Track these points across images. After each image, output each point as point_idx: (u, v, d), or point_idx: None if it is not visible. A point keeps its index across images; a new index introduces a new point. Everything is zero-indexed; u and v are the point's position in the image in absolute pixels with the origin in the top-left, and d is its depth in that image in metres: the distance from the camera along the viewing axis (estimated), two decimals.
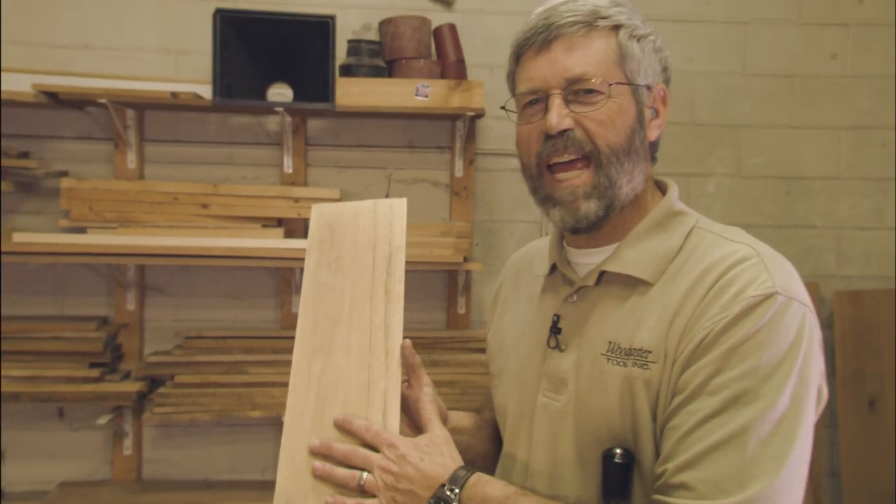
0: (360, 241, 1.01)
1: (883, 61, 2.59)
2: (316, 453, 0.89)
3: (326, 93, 2.26)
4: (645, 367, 0.84)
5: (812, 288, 2.61)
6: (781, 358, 0.78)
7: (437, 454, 0.87)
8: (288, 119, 2.38)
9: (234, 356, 2.37)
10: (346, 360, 0.94)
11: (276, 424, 2.49)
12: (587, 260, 0.95)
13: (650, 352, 0.84)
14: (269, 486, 2.54)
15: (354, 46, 2.36)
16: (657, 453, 0.84)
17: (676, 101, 2.56)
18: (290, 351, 2.60)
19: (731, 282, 0.81)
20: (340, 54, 2.34)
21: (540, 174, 0.91)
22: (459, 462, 0.88)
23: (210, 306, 2.49)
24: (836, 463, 2.59)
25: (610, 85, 0.87)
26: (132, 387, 2.28)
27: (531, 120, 0.91)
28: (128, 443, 2.44)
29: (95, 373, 2.27)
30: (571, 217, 0.89)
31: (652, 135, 0.92)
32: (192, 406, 2.28)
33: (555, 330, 0.94)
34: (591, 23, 0.88)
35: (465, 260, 2.31)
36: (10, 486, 2.43)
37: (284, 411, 2.49)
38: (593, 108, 0.87)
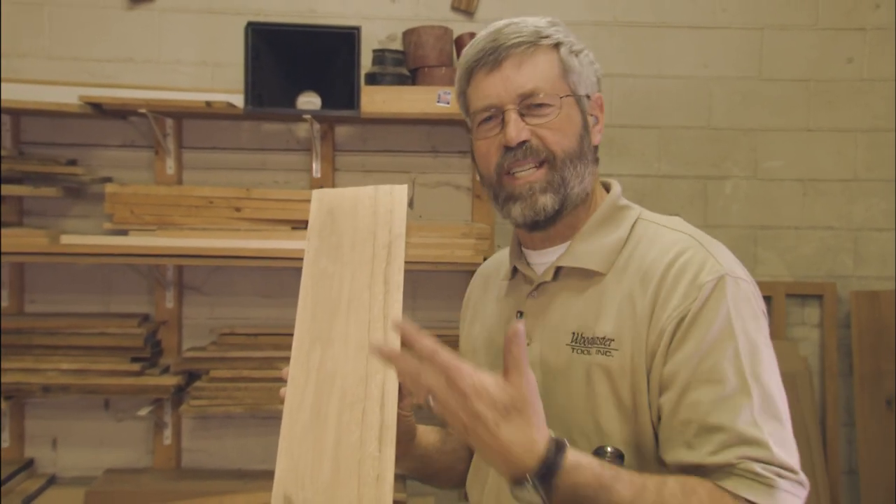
0: (360, 229, 1.00)
1: None
2: (378, 353, 0.83)
3: (352, 100, 2.37)
4: (608, 354, 0.91)
5: (829, 288, 2.64)
6: (751, 329, 0.89)
7: (517, 420, 0.77)
8: (316, 126, 2.50)
9: (266, 352, 2.49)
10: (345, 350, 0.93)
11: None
12: (544, 259, 1.03)
13: (613, 339, 0.92)
14: None
15: (379, 56, 2.47)
16: (623, 440, 0.90)
17: (693, 105, 2.63)
18: None
19: (684, 270, 0.91)
20: (366, 63, 2.44)
21: (499, 180, 0.99)
22: (544, 432, 0.79)
23: (243, 305, 2.62)
24: (854, 461, 2.62)
25: (560, 98, 0.96)
26: (171, 380, 2.43)
27: (488, 135, 0.99)
28: (167, 433, 2.58)
29: (137, 367, 2.41)
30: (531, 210, 0.97)
31: (595, 139, 1.02)
32: (227, 399, 2.41)
33: (520, 316, 1.02)
34: (535, 42, 0.96)
35: (485, 260, 2.39)
36: (62, 472, 2.59)
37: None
38: (546, 119, 0.96)
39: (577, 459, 0.79)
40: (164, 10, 2.54)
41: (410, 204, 2.63)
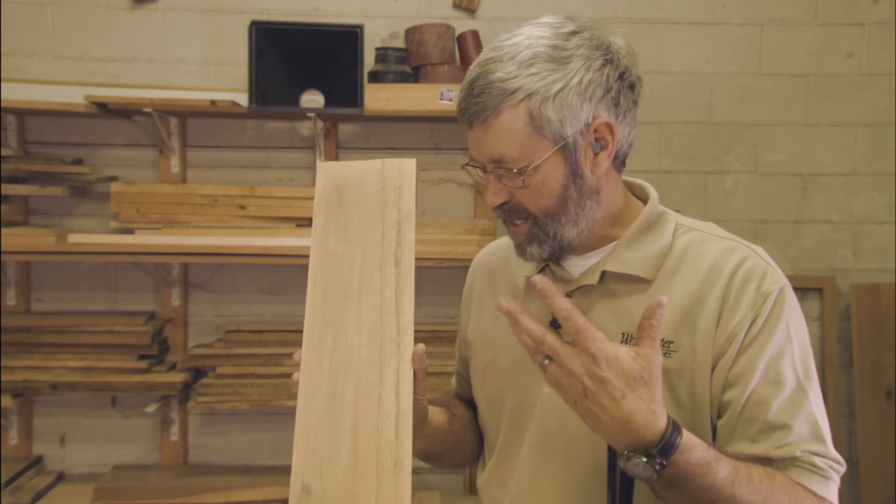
0: (368, 207, 0.98)
1: None
2: (503, 312, 0.85)
3: (356, 98, 2.39)
4: (667, 355, 0.94)
5: (830, 282, 2.67)
6: (802, 334, 0.97)
7: (643, 392, 0.79)
8: (320, 124, 2.51)
9: (271, 349, 2.51)
10: (358, 336, 0.93)
11: None
12: (579, 262, 1.02)
13: (672, 342, 0.95)
14: None
15: (382, 54, 2.48)
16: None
17: (694, 100, 2.65)
18: None
19: (748, 278, 0.95)
20: (368, 61, 2.46)
21: (503, 222, 1.02)
22: (663, 409, 0.82)
23: (248, 302, 2.64)
24: (854, 452, 2.65)
25: (530, 165, 0.91)
26: (177, 377, 2.45)
27: (483, 183, 1.00)
28: (174, 429, 2.61)
29: (144, 364, 2.43)
30: (522, 256, 1.00)
31: (600, 168, 0.95)
32: (233, 396, 2.43)
33: (555, 325, 0.98)
34: (497, 107, 0.91)
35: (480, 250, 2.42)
36: (70, 468, 2.62)
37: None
38: (519, 184, 0.93)
39: (690, 438, 0.83)
40: (167, 9, 2.55)
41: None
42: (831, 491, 0.93)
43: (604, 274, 1.00)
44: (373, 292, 0.93)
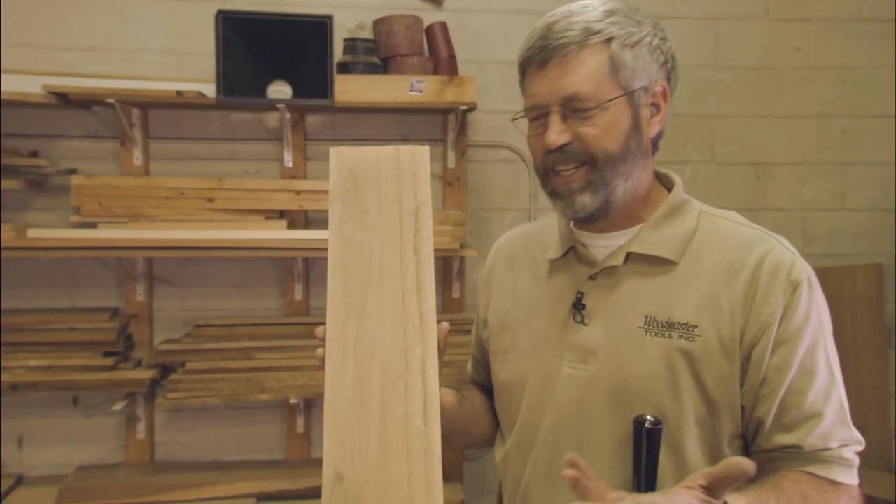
0: (385, 194, 0.98)
1: (842, 54, 2.77)
2: (568, 478, 0.81)
3: (325, 89, 2.37)
4: (691, 339, 0.96)
5: None
6: (827, 325, 1.01)
7: None
8: (288, 115, 2.49)
9: (242, 343, 2.48)
10: (381, 323, 0.93)
11: (282, 407, 2.62)
12: (603, 243, 1.05)
13: (696, 326, 0.96)
14: (277, 465, 2.66)
15: (351, 45, 2.47)
16: (697, 413, 0.97)
17: None
18: (294, 337, 2.69)
19: (777, 268, 0.97)
20: (337, 52, 2.45)
21: (546, 175, 1.03)
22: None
23: (216, 296, 2.60)
24: None
25: (602, 103, 0.96)
26: (145, 374, 2.40)
27: (536, 132, 1.02)
28: (141, 427, 2.55)
29: (110, 361, 2.37)
30: (570, 208, 1.01)
31: (652, 131, 1.01)
32: (203, 391, 2.40)
33: (579, 306, 1.04)
34: (582, 42, 0.96)
35: (462, 247, 2.45)
36: (29, 471, 2.53)
37: (292, 394, 2.57)
38: (589, 123, 0.96)
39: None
40: None
41: None
42: (854, 475, 0.98)
43: (629, 256, 1.02)
44: (394, 280, 0.94)
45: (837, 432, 0.97)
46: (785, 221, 2.81)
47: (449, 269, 2.65)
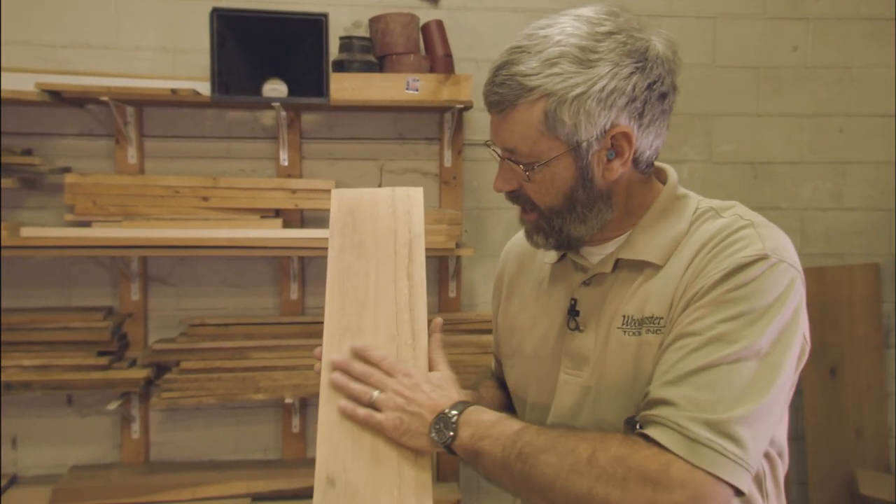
0: (381, 228, 1.07)
1: (839, 52, 2.77)
2: (336, 367, 0.98)
3: (321, 88, 2.36)
4: (657, 332, 0.93)
5: None
6: (766, 308, 0.86)
7: (447, 388, 0.97)
8: (283, 114, 2.48)
9: (237, 342, 2.47)
10: (375, 340, 0.99)
11: (277, 407, 2.62)
12: (597, 251, 1.03)
13: (661, 318, 0.93)
14: (273, 465, 2.65)
15: (346, 43, 2.46)
16: None
17: None
18: (290, 336, 2.69)
19: (726, 247, 0.90)
20: (333, 51, 2.44)
21: None
22: (465, 397, 0.98)
23: (211, 295, 2.59)
24: (801, 427, 2.79)
25: (539, 161, 0.93)
26: (139, 373, 2.38)
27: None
28: (135, 427, 2.54)
29: (104, 361, 2.36)
30: (530, 242, 1.04)
31: (612, 175, 0.94)
32: (199, 391, 2.39)
33: (573, 312, 1.02)
34: (514, 101, 0.91)
35: (457, 246, 2.44)
36: (23, 471, 2.52)
37: (288, 394, 2.58)
38: (529, 177, 0.95)
39: (481, 407, 0.96)
40: None
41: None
42: (703, 460, 0.80)
43: (617, 262, 1.00)
44: (388, 302, 1.02)
45: (718, 409, 0.82)
46: (782, 221, 2.80)
47: (445, 268, 2.64)
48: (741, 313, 0.85)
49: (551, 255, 1.09)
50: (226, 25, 2.33)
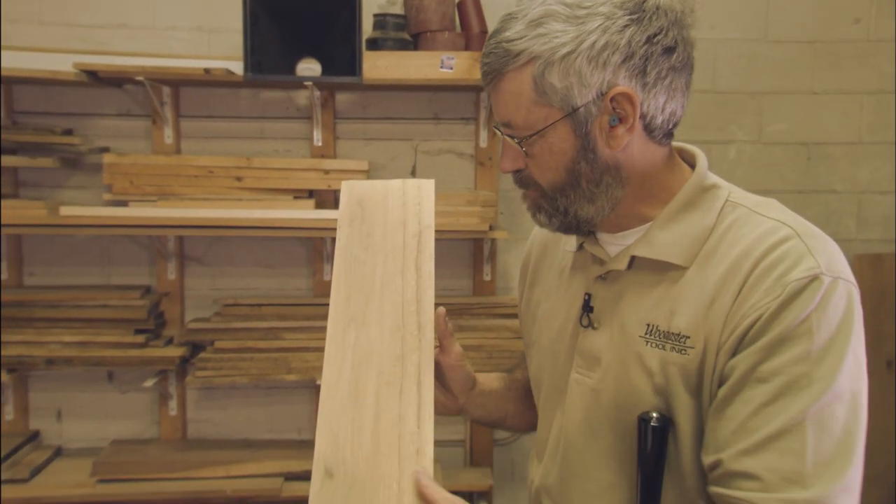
0: (391, 219, 1.04)
1: None
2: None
3: (354, 67, 2.32)
4: (683, 352, 0.84)
5: None
6: (832, 339, 0.78)
7: None
8: (317, 93, 2.45)
9: (270, 322, 2.48)
10: (380, 331, 0.97)
11: (311, 387, 2.62)
12: (616, 241, 0.94)
13: (688, 337, 0.84)
14: (306, 444, 2.67)
15: (380, 20, 2.41)
16: (696, 433, 0.85)
17: (698, 68, 2.57)
18: (322, 318, 2.69)
19: (774, 265, 0.80)
20: (366, 28, 2.39)
21: None
22: None
23: (245, 275, 2.60)
24: None
25: (536, 131, 0.85)
26: (175, 352, 2.42)
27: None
28: (173, 404, 2.58)
29: (141, 339, 2.40)
30: (536, 222, 0.95)
31: (619, 143, 0.85)
32: (232, 370, 2.40)
33: (587, 308, 0.95)
34: (501, 70, 0.84)
35: (491, 228, 2.38)
36: (67, 443, 2.59)
37: (319, 375, 2.58)
38: (529, 152, 0.88)
39: None
40: None
41: (413, 172, 2.60)
42: None
43: (633, 260, 0.91)
44: (395, 293, 0.99)
45: (813, 481, 0.75)
46: (837, 205, 2.66)
47: (479, 251, 2.59)
48: (807, 351, 0.77)
49: (571, 243, 1.01)
50: (259, 4, 2.30)
